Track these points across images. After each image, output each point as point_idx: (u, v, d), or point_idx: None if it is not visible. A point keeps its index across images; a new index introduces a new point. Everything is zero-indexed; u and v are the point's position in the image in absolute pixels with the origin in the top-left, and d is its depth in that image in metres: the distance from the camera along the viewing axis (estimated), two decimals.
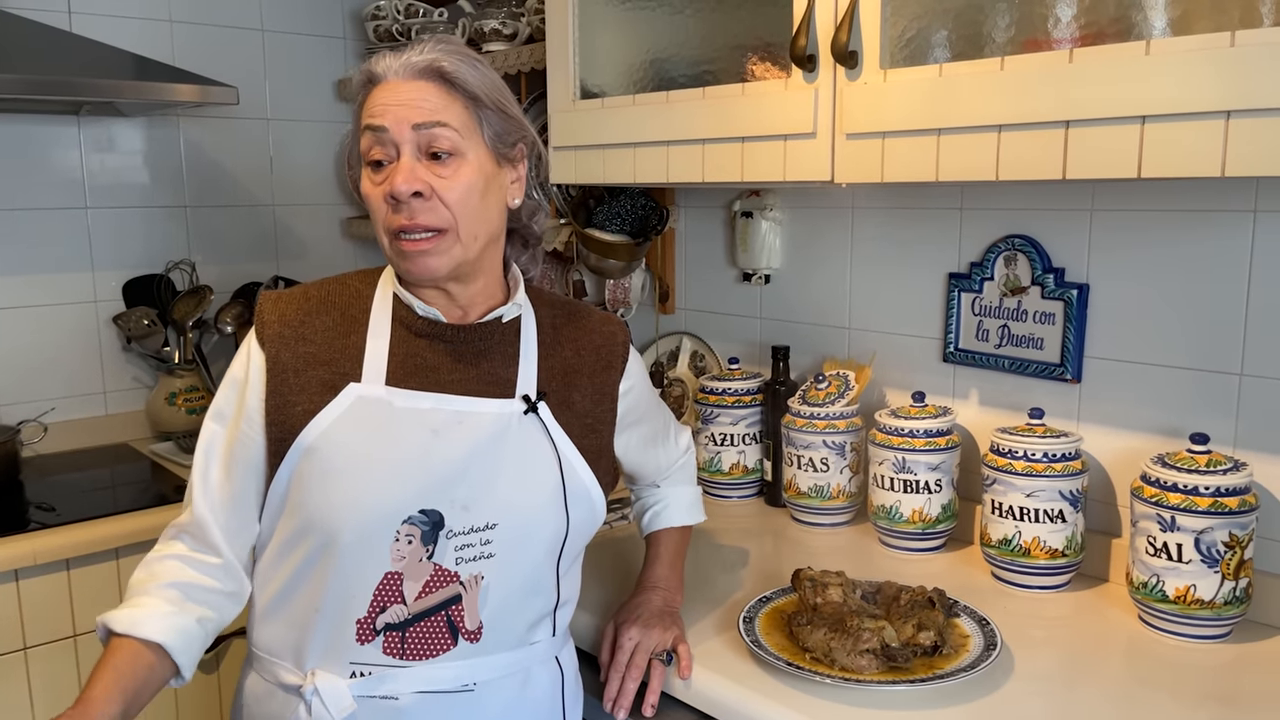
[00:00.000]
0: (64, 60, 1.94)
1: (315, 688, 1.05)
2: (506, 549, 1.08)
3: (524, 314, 1.17)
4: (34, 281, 2.25)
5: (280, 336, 1.11)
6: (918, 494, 1.55)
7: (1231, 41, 0.99)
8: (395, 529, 1.04)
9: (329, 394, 1.08)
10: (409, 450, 1.06)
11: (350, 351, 1.11)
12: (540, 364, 1.16)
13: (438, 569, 1.06)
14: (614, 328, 1.24)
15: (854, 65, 1.31)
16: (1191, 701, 1.13)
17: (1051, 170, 1.13)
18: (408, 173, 1.03)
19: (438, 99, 1.05)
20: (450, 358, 1.12)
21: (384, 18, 2.39)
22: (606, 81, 1.74)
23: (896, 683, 1.13)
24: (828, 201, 1.81)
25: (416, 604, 1.05)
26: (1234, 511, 1.23)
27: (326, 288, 1.16)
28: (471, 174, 1.06)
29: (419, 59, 1.06)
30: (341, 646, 1.06)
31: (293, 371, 1.09)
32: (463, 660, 1.08)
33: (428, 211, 1.04)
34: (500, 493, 1.08)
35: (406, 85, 1.05)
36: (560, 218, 2.05)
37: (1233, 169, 0.99)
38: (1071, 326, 1.49)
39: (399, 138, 1.04)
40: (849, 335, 1.81)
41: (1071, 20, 1.15)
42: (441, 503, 1.05)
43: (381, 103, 1.05)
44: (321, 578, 1.05)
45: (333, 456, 1.05)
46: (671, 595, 1.32)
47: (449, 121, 1.05)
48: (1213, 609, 1.25)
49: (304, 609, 1.07)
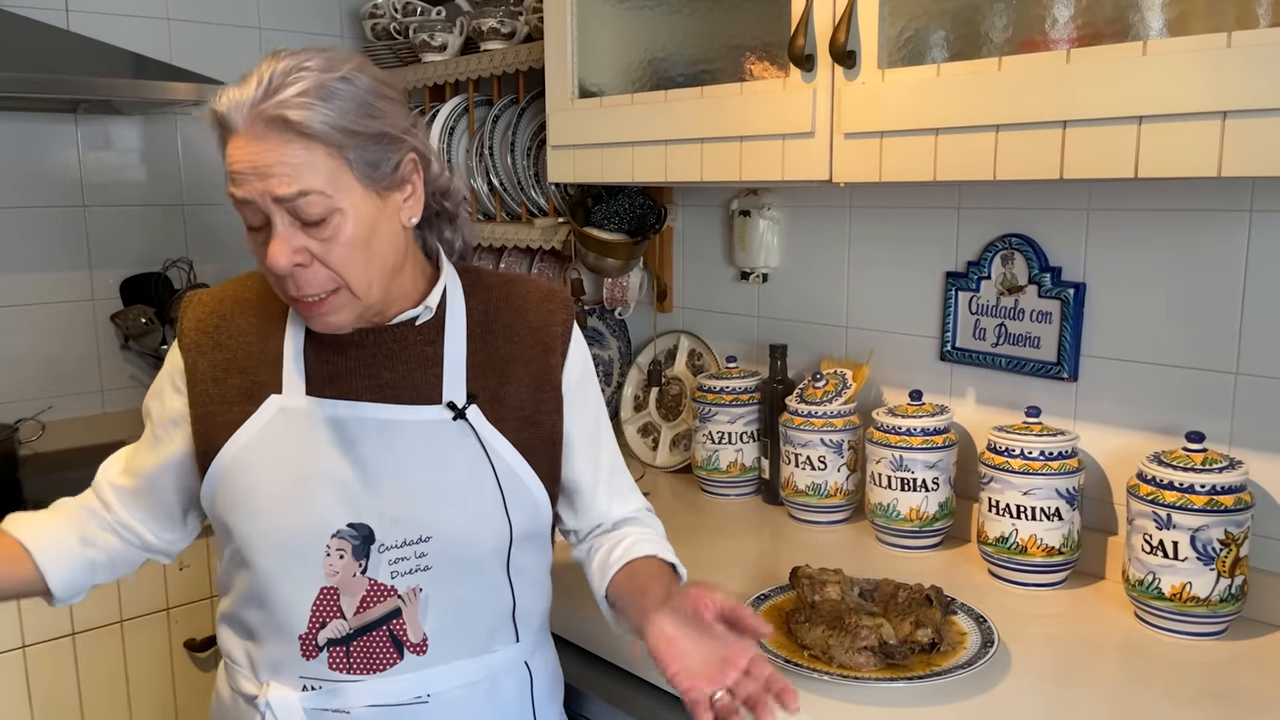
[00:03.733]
0: (61, 58, 1.93)
1: (268, 701, 1.04)
2: (444, 561, 1.04)
3: (449, 308, 1.09)
4: (32, 280, 2.25)
5: (197, 344, 1.08)
6: (915, 492, 1.56)
7: (1228, 42, 1.00)
8: (324, 544, 1.01)
9: (249, 404, 1.05)
10: (330, 463, 1.03)
11: (268, 358, 1.07)
12: (470, 359, 1.09)
13: (373, 583, 1.02)
14: (554, 306, 1.14)
15: (852, 65, 1.31)
16: (1187, 698, 1.14)
17: (1049, 170, 1.14)
18: (283, 247, 0.94)
19: (295, 156, 0.92)
20: (362, 363, 1.06)
21: (381, 16, 2.39)
22: (605, 81, 1.75)
23: (894, 680, 1.13)
24: (825, 200, 1.82)
25: (356, 619, 1.02)
26: (1229, 509, 1.24)
27: (246, 285, 1.12)
28: (352, 228, 0.96)
29: (265, 106, 0.92)
30: (290, 660, 1.04)
31: (211, 380, 1.06)
32: (412, 673, 1.04)
33: (311, 278, 0.97)
34: (431, 504, 1.03)
35: (255, 145, 0.93)
36: (558, 216, 2.06)
37: (1229, 169, 1.00)
38: (1068, 325, 1.49)
39: (265, 208, 0.94)
40: (846, 334, 1.82)
41: (1069, 21, 1.16)
42: (368, 516, 1.02)
43: (239, 165, 0.94)
44: (261, 594, 1.04)
45: (252, 473, 1.03)
46: None
47: (312, 187, 0.93)
48: (1208, 606, 1.26)
49: (252, 621, 1.06)
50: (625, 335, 2.22)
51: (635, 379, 2.17)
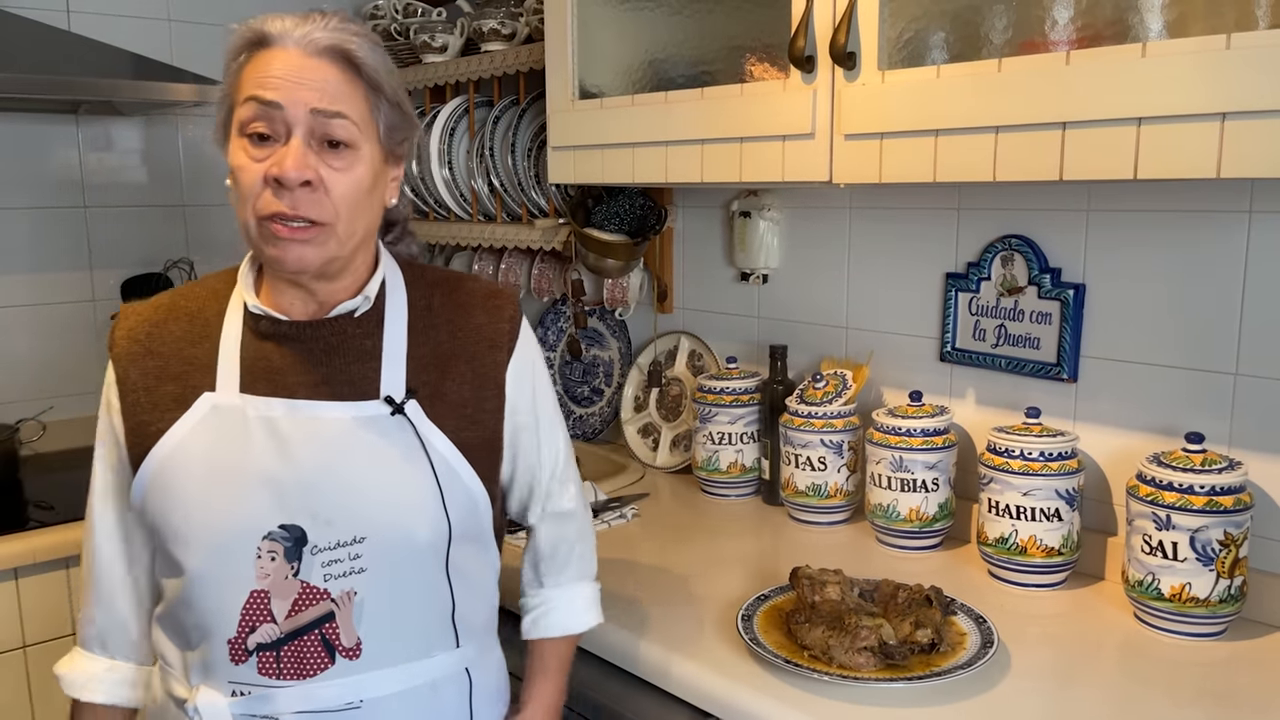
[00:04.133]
0: (62, 59, 1.94)
1: (196, 706, 1.01)
2: (379, 563, 1.00)
3: (389, 301, 1.08)
4: (32, 280, 2.25)
5: (128, 354, 1.06)
6: (915, 493, 1.56)
7: (1227, 44, 1.00)
8: (255, 546, 0.98)
9: (182, 409, 1.02)
10: (261, 462, 0.99)
11: (201, 361, 1.04)
12: (410, 353, 1.06)
13: (305, 586, 0.99)
14: (501, 302, 1.12)
15: (852, 66, 1.31)
16: (1187, 698, 1.14)
17: (1049, 172, 1.14)
18: (300, 158, 0.95)
19: (339, 85, 0.97)
20: (299, 359, 1.04)
21: (382, 17, 2.39)
22: (605, 82, 1.75)
23: (894, 680, 1.14)
24: (825, 201, 1.82)
25: (287, 623, 0.99)
26: (1229, 510, 1.24)
27: (183, 293, 1.10)
28: (363, 169, 0.99)
29: (323, 35, 0.97)
30: (218, 665, 1.01)
31: (143, 389, 1.04)
32: (344, 678, 1.00)
33: (312, 203, 0.96)
34: (366, 504, 1.00)
35: (306, 61, 0.96)
36: (559, 217, 2.06)
37: (1228, 170, 1.00)
38: (1068, 326, 1.49)
39: (293, 118, 0.95)
40: (846, 335, 1.82)
41: (1068, 22, 1.16)
42: (301, 517, 0.98)
43: (276, 75, 0.95)
44: (190, 596, 1.00)
45: (182, 473, 1.00)
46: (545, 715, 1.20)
47: (349, 113, 0.97)
48: (1208, 607, 1.26)
49: (183, 624, 1.03)
50: (625, 336, 2.23)
51: (635, 380, 2.17)
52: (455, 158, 2.24)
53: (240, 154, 0.98)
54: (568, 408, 2.35)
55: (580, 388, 2.33)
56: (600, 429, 2.28)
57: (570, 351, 2.30)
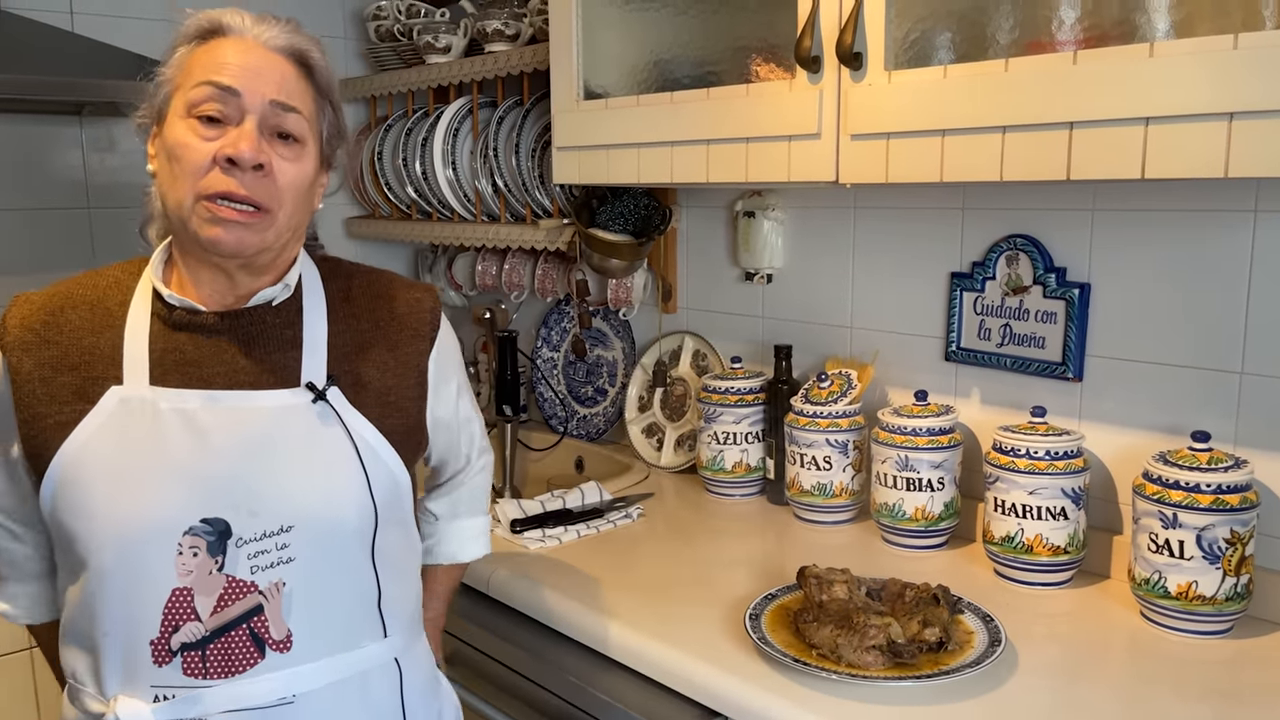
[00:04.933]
0: (66, 60, 1.93)
1: (116, 715, 0.97)
2: (308, 551, 1.00)
3: (307, 291, 1.09)
4: (36, 281, 2.23)
5: (21, 342, 1.02)
6: (920, 492, 1.56)
7: (1234, 44, 1.00)
8: (175, 542, 0.96)
9: (83, 403, 0.99)
10: (178, 456, 0.97)
11: (104, 351, 1.02)
12: (330, 342, 1.07)
13: (231, 580, 0.97)
14: (421, 294, 1.16)
15: (858, 66, 1.32)
16: (1193, 696, 1.15)
17: (1056, 171, 1.14)
18: (254, 141, 0.97)
19: (294, 83, 1.01)
20: (216, 349, 1.02)
21: (385, 18, 2.40)
22: (610, 82, 1.75)
23: (903, 678, 1.14)
24: (830, 201, 1.82)
25: (213, 619, 0.97)
26: (1235, 509, 1.24)
27: (81, 281, 1.08)
28: (309, 164, 1.03)
29: (282, 35, 1.01)
30: (139, 670, 0.97)
31: (38, 380, 1.01)
32: (274, 672, 0.99)
33: (261, 187, 0.98)
34: (291, 492, 0.99)
35: (265, 55, 1.00)
36: (563, 217, 2.06)
37: (1236, 170, 1.01)
38: (1073, 325, 1.50)
39: (250, 105, 0.98)
40: (851, 334, 1.82)
41: (1075, 22, 1.16)
42: (224, 510, 0.97)
43: (233, 63, 0.98)
44: (102, 600, 0.97)
45: (91, 473, 0.97)
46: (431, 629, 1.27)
47: (302, 110, 1.01)
48: (1214, 605, 1.26)
49: (93, 632, 0.99)
50: (629, 336, 2.23)
51: (640, 379, 2.17)
52: (459, 158, 2.24)
53: (186, 133, 0.97)
54: (572, 408, 2.35)
55: (584, 388, 2.33)
56: (604, 429, 2.28)
57: (575, 351, 2.30)
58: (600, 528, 1.70)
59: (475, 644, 1.54)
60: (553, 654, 1.41)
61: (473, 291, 2.48)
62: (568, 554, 1.36)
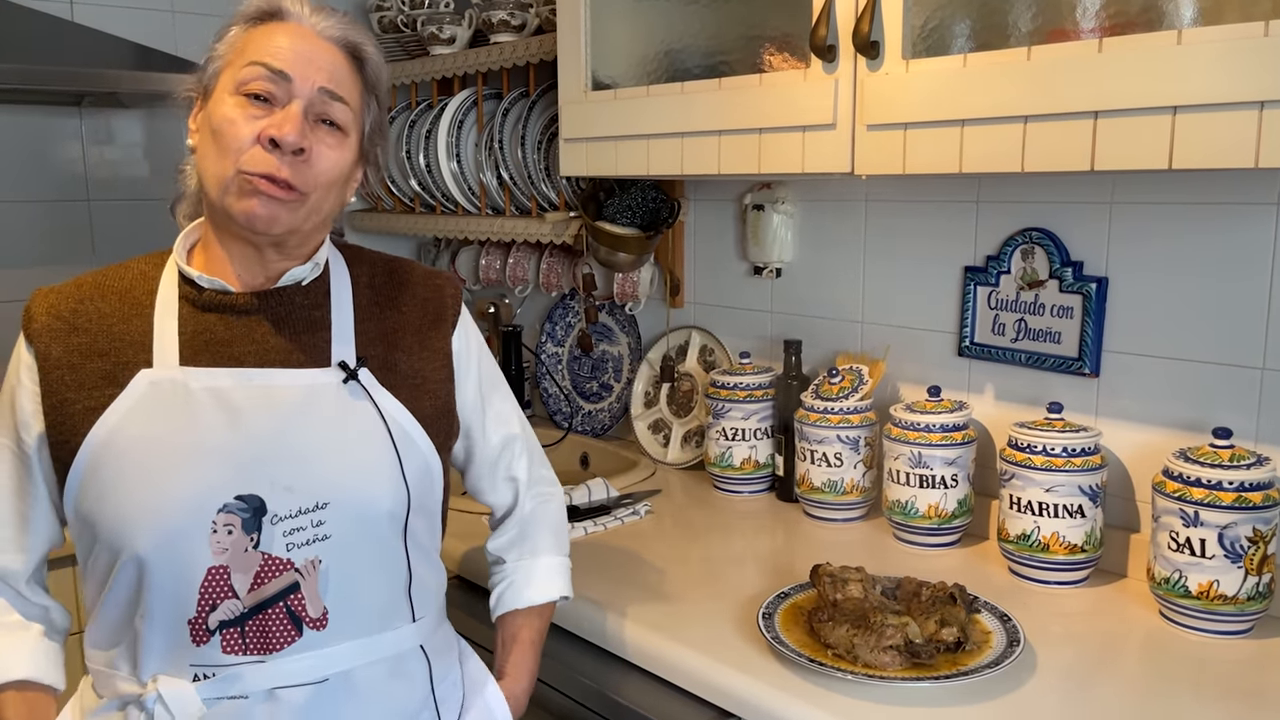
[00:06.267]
0: (66, 51, 1.91)
1: (158, 694, 0.96)
2: (343, 528, 1.00)
3: (333, 274, 1.10)
4: (35, 274, 2.23)
5: (49, 330, 1.02)
6: (934, 489, 1.54)
7: (1265, 31, 0.98)
8: (210, 521, 0.95)
9: (112, 387, 0.99)
10: (210, 434, 0.97)
11: (133, 337, 1.02)
12: (358, 327, 1.08)
13: (267, 558, 0.97)
14: (442, 281, 1.17)
15: (875, 55, 1.29)
16: (1214, 697, 1.13)
17: (1079, 162, 1.12)
18: (299, 124, 0.98)
19: (344, 74, 1.03)
20: (246, 329, 1.03)
21: (389, 8, 2.37)
22: (619, 73, 1.73)
23: (921, 679, 1.12)
24: (840, 194, 1.80)
25: (250, 597, 0.97)
26: (1258, 506, 1.22)
27: (105, 273, 1.08)
28: (348, 154, 1.04)
29: (339, 27, 1.03)
30: (179, 650, 0.97)
31: (67, 367, 1.00)
32: (312, 651, 0.99)
33: (299, 170, 0.99)
34: (326, 468, 1.00)
35: (318, 43, 1.02)
36: (569, 210, 2.04)
37: (1267, 160, 0.98)
38: (1090, 320, 1.47)
39: (300, 91, 0.99)
40: (862, 329, 1.80)
41: (1099, 10, 1.14)
42: (259, 486, 0.97)
43: (288, 47, 1.00)
44: (140, 583, 0.96)
45: (121, 456, 0.97)
46: (514, 686, 1.21)
47: (350, 100, 1.03)
48: (1236, 604, 1.24)
49: (130, 616, 0.98)
50: (636, 331, 2.20)
51: (646, 375, 2.15)
52: (464, 150, 2.22)
53: (234, 108, 0.99)
54: (576, 403, 2.33)
55: (589, 383, 2.31)
56: (610, 425, 2.26)
57: (580, 346, 2.28)
58: (608, 525, 1.68)
59: (485, 644, 1.52)
60: (563, 654, 1.39)
61: (476, 286, 2.46)
62: (576, 551, 1.34)
